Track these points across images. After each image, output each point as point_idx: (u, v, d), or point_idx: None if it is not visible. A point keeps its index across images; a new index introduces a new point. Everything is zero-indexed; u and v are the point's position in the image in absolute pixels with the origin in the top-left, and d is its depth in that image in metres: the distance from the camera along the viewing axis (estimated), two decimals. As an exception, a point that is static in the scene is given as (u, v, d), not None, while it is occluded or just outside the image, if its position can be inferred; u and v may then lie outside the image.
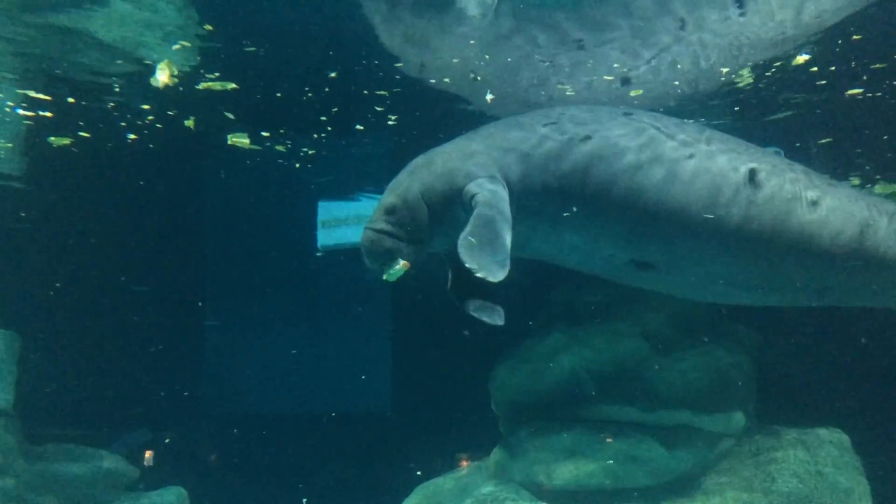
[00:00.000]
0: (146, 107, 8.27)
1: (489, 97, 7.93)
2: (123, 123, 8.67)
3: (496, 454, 8.89)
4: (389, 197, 6.04)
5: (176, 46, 6.87)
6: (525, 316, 8.99)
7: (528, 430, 8.52)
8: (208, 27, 6.62)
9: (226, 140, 8.97)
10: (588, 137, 6.05)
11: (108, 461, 10.08)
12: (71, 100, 8.03)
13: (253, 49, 7.07)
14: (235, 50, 7.06)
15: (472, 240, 5.45)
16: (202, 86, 7.65)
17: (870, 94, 7.68)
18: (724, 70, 7.46)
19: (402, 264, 5.79)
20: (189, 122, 8.62)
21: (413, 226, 5.93)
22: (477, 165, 5.96)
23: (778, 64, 7.22)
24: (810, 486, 8.14)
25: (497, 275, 5.36)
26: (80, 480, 9.81)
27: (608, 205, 6.06)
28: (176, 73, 7.34)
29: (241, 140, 9.03)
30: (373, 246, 5.85)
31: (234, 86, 7.66)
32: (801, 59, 7.06)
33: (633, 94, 7.82)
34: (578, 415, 8.38)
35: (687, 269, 6.42)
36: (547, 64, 7.25)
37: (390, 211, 5.94)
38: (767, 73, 7.42)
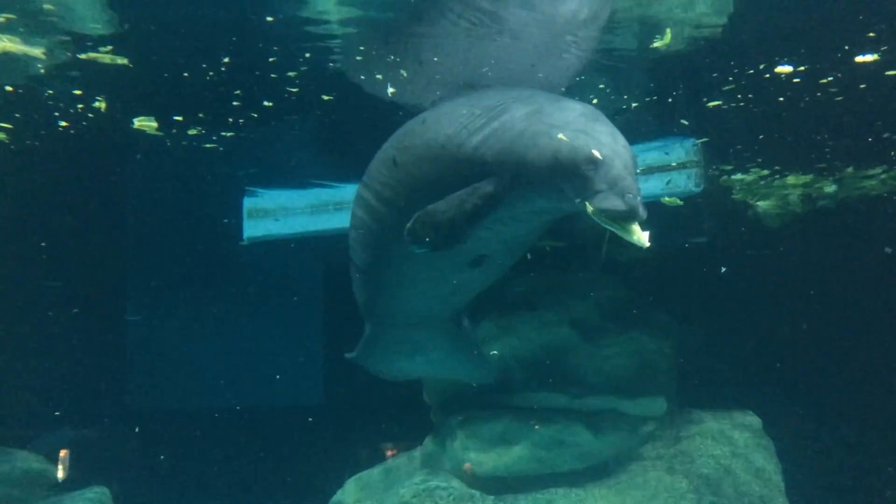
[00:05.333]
0: (78, 92, 7.75)
1: (390, 90, 7.59)
2: (57, 113, 8.19)
3: (427, 443, 8.99)
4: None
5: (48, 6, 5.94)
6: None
7: (459, 418, 8.64)
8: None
9: (142, 127, 8.45)
10: None
11: (27, 461, 9.76)
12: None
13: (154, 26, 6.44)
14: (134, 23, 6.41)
15: None
16: (85, 56, 6.82)
17: (733, 105, 7.96)
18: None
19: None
20: (100, 104, 7.98)
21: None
22: None
23: (762, 66, 7.21)
24: (726, 466, 8.51)
25: None
26: (-2, 481, 9.46)
27: None
28: (15, 40, 6.43)
29: (148, 124, 8.53)
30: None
31: (124, 61, 6.85)
32: (784, 69, 7.09)
33: None
34: (508, 402, 8.56)
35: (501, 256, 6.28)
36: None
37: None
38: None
